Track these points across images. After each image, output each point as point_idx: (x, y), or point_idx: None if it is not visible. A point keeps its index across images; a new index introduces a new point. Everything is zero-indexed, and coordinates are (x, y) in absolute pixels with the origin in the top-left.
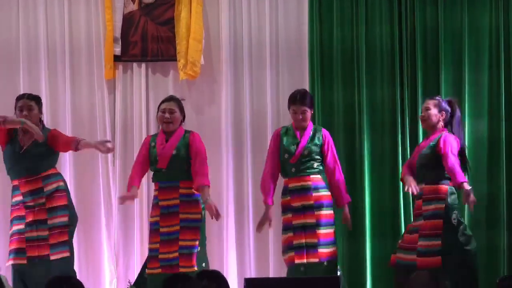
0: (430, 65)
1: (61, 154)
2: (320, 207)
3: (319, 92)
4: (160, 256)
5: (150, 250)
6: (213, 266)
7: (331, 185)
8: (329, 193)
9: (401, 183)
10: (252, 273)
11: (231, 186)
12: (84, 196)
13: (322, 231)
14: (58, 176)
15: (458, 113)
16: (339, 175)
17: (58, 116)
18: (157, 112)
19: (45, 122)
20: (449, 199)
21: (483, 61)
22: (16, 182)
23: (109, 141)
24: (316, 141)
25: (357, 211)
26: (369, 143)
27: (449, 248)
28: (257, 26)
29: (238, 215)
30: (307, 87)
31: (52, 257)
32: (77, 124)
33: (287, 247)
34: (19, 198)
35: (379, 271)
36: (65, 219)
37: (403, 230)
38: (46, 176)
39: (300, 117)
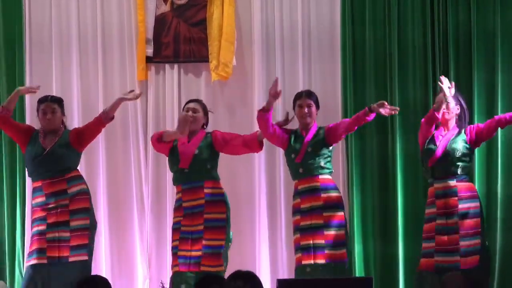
0: (462, 66)
1: (94, 156)
2: (330, 208)
3: (351, 92)
4: (179, 253)
5: (172, 248)
6: (246, 266)
7: (349, 122)
8: (339, 194)
9: None
10: (284, 274)
11: (263, 186)
12: (117, 198)
13: (332, 232)
14: (81, 178)
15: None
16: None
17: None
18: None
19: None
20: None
21: None
22: (39, 184)
23: (132, 90)
24: (320, 136)
25: (390, 212)
26: (401, 143)
27: (485, 246)
28: (289, 27)
29: (271, 215)
30: (339, 87)
31: (71, 259)
32: (109, 126)
33: (296, 248)
34: (41, 199)
35: (411, 273)
36: (86, 222)
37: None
38: (70, 178)
39: (306, 110)
